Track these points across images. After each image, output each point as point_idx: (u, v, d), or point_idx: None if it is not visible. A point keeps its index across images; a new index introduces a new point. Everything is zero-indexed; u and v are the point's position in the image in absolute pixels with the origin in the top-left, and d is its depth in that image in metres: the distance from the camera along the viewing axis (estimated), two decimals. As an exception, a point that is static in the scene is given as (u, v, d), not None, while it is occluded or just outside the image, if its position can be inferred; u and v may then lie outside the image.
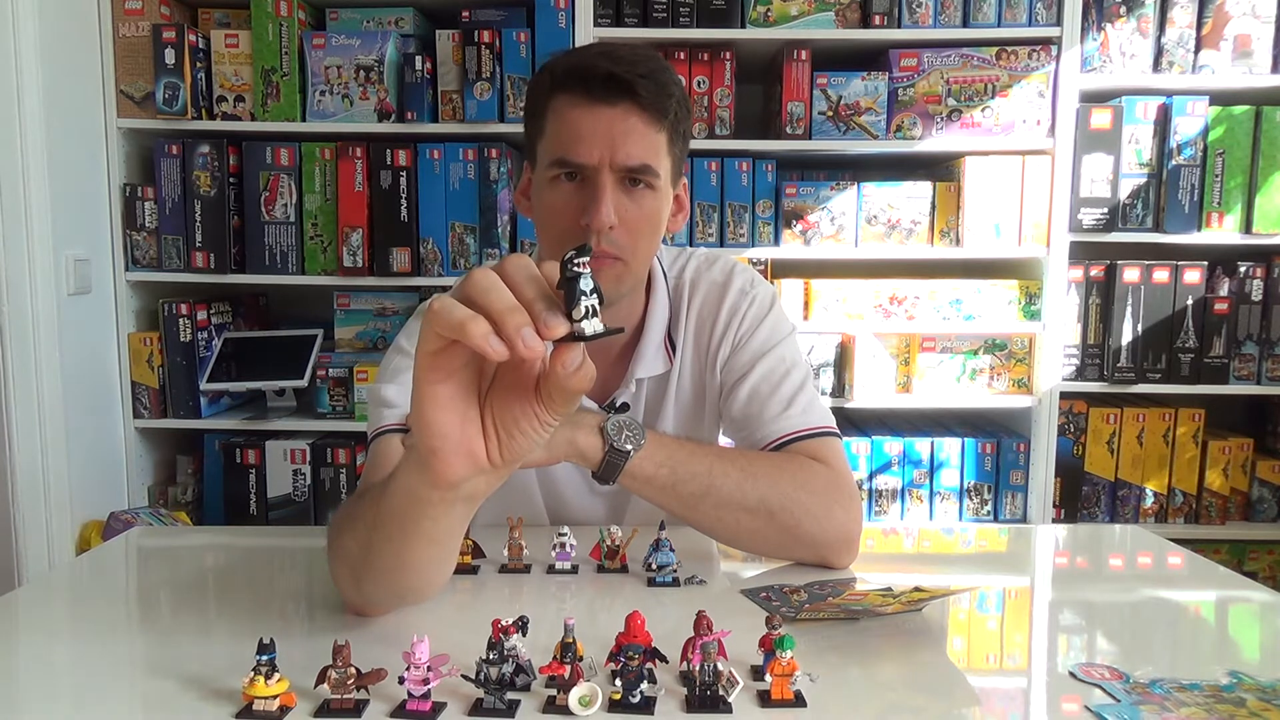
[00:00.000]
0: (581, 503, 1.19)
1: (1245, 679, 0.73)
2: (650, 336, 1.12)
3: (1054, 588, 1.07)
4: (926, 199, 2.19)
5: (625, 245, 0.99)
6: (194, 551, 1.14)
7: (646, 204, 0.99)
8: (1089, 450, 2.23)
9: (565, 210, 0.98)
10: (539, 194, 1.02)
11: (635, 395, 1.15)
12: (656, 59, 1.00)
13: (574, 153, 0.96)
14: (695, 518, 0.98)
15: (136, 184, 2.18)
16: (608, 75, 0.94)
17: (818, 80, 2.14)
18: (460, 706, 0.68)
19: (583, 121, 0.96)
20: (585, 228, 0.96)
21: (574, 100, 0.96)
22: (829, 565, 1.00)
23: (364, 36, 2.15)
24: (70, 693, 0.74)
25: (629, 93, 0.95)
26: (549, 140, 0.99)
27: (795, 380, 1.09)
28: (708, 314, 1.13)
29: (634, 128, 0.96)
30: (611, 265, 0.99)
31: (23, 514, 1.94)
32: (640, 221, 0.99)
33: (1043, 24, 2.11)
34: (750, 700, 0.70)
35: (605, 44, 1.05)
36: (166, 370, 2.19)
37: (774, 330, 1.13)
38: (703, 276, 1.15)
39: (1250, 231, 2.14)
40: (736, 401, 1.09)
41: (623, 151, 0.96)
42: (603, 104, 0.95)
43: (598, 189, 0.96)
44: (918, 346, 2.19)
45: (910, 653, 0.80)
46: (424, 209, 2.18)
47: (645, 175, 0.98)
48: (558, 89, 0.98)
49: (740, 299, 1.13)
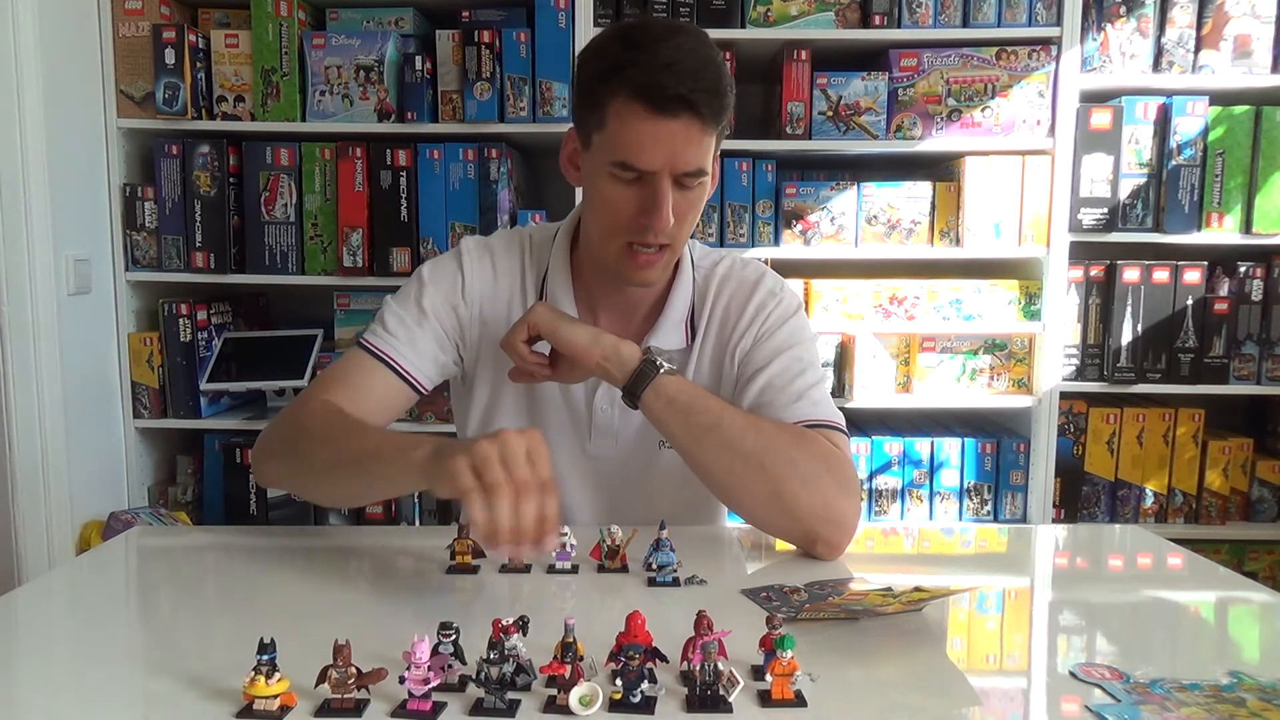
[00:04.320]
0: (571, 498, 1.20)
1: (1245, 679, 0.73)
2: (671, 312, 1.18)
3: (1054, 588, 1.07)
4: (926, 199, 2.19)
5: (676, 234, 1.08)
6: (194, 551, 1.14)
7: (694, 197, 1.08)
8: (1089, 450, 2.23)
9: (624, 206, 1.06)
10: (596, 181, 1.08)
11: None
12: (714, 64, 1.03)
13: (637, 160, 1.02)
14: (698, 453, 1.05)
15: (136, 184, 2.18)
16: (675, 96, 1.00)
17: (818, 80, 2.14)
18: (460, 706, 0.68)
19: (646, 132, 1.01)
20: (644, 226, 1.04)
21: (640, 112, 1.01)
22: (814, 549, 1.03)
23: (364, 36, 2.15)
24: (70, 693, 0.74)
25: (692, 109, 1.01)
26: (611, 138, 1.04)
27: (810, 379, 1.13)
28: (735, 308, 1.19)
29: (693, 138, 1.02)
30: (662, 253, 1.09)
31: (23, 514, 1.94)
32: (688, 212, 1.08)
33: (1043, 24, 2.11)
34: (751, 700, 0.70)
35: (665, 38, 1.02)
36: (166, 370, 2.19)
37: (795, 332, 1.17)
38: (734, 273, 1.21)
39: (1250, 231, 2.14)
40: (750, 392, 1.13)
41: (682, 160, 1.03)
42: (667, 118, 1.01)
43: (659, 195, 1.03)
44: (918, 346, 2.19)
45: (910, 653, 0.80)
46: (424, 209, 2.18)
47: (697, 177, 1.06)
48: (623, 93, 1.02)
49: (768, 298, 1.18)
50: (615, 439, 1.19)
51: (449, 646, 0.70)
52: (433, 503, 2.21)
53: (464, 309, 1.17)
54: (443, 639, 0.70)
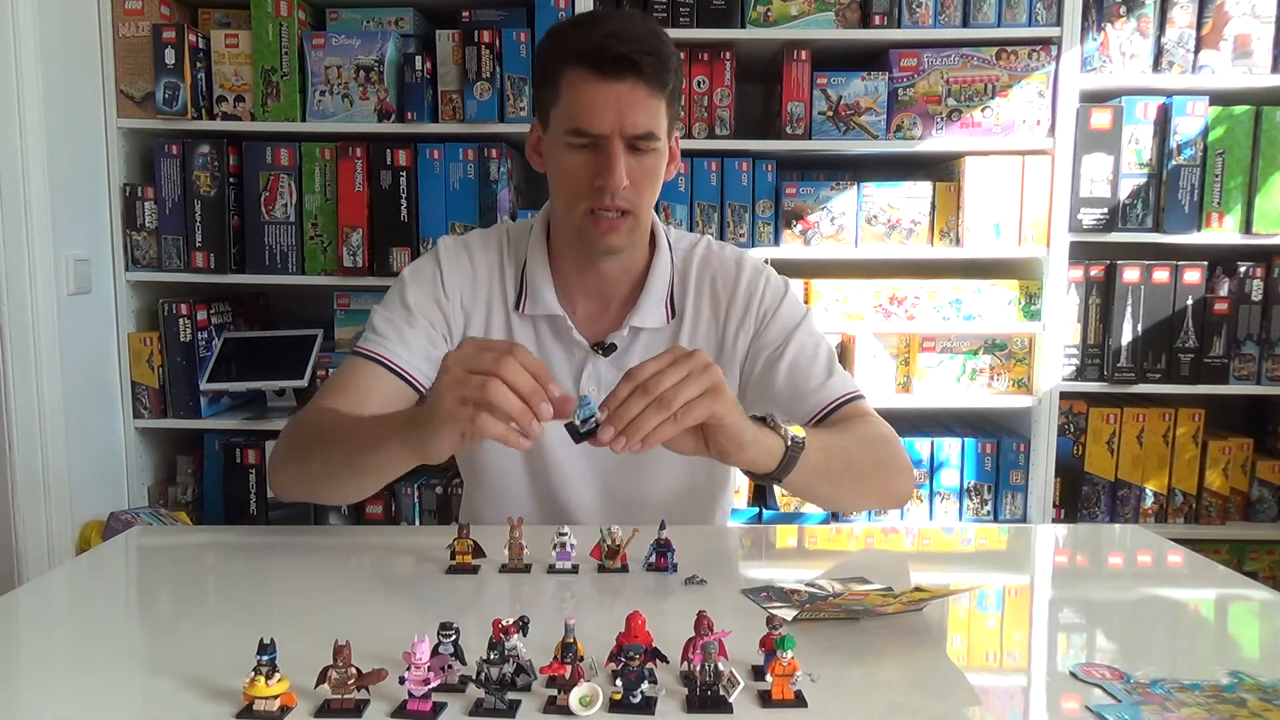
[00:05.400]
0: (569, 497, 1.22)
1: (1246, 679, 0.73)
2: (652, 290, 1.21)
3: (1054, 587, 1.07)
4: (926, 199, 2.19)
5: (634, 200, 1.11)
6: (194, 551, 1.14)
7: (649, 163, 1.12)
8: (1089, 450, 2.23)
9: (581, 172, 1.10)
10: (553, 154, 1.14)
11: (629, 341, 1.21)
12: (657, 32, 1.11)
13: (588, 123, 1.08)
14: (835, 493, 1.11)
15: (136, 184, 2.18)
16: (617, 56, 1.05)
17: (818, 80, 2.14)
18: (460, 706, 0.68)
19: (595, 95, 1.07)
20: (600, 189, 1.09)
21: (586, 76, 1.07)
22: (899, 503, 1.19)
23: (364, 36, 2.15)
24: (70, 693, 0.74)
25: (635, 69, 1.06)
26: (565, 109, 1.10)
27: (825, 352, 1.22)
28: (723, 288, 1.23)
29: (639, 99, 1.07)
30: (624, 219, 1.12)
31: (23, 514, 1.94)
32: (645, 179, 1.12)
33: (1043, 24, 2.11)
34: (751, 700, 0.70)
35: (609, 15, 1.22)
36: (166, 370, 2.19)
37: (795, 306, 1.24)
38: (714, 255, 1.26)
39: (1250, 231, 2.14)
40: (779, 376, 1.19)
41: (630, 121, 1.07)
42: (612, 79, 1.06)
43: (611, 156, 1.08)
44: (918, 346, 2.19)
45: (910, 653, 0.80)
46: (424, 209, 2.18)
47: (649, 140, 1.10)
48: (570, 63, 1.08)
49: (756, 277, 1.24)
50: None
51: (449, 647, 0.70)
52: (433, 503, 2.21)
53: (445, 303, 1.21)
54: (443, 639, 0.70)
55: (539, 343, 1.21)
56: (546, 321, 1.21)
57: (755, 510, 2.23)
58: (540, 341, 1.21)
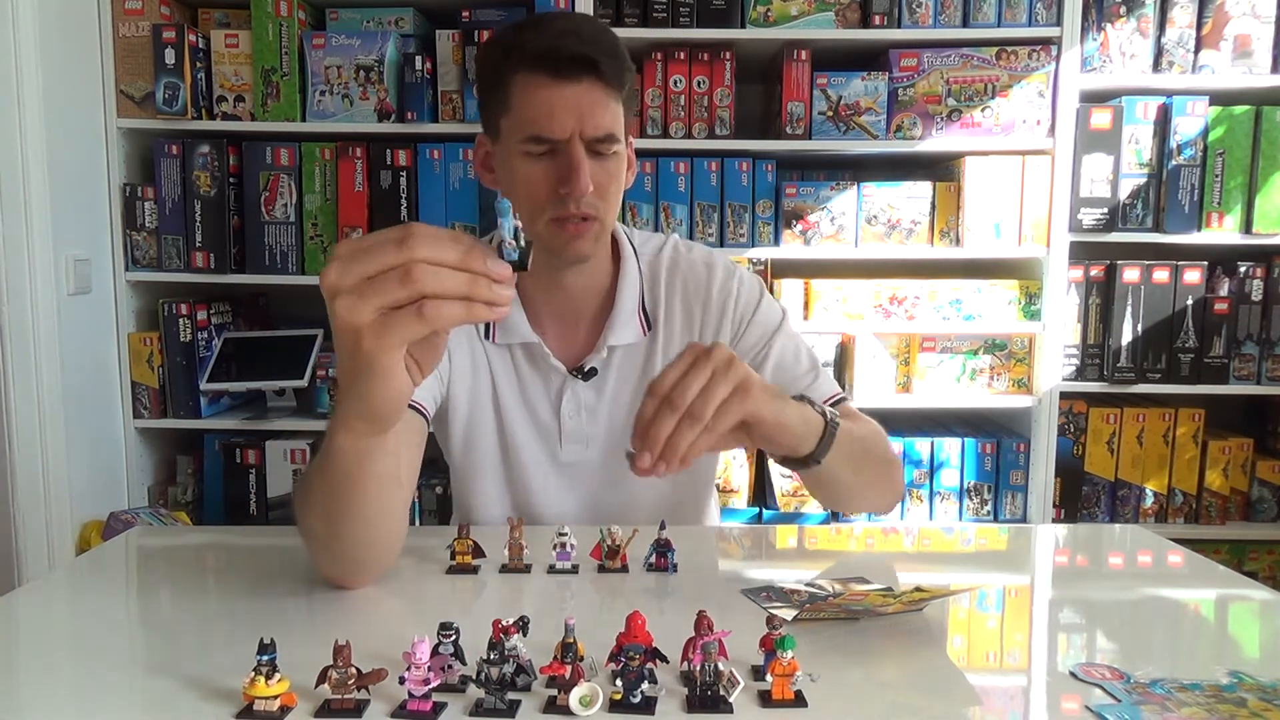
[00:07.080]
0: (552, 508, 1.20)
1: (1246, 679, 0.73)
2: (623, 305, 1.17)
3: (1054, 587, 1.07)
4: (926, 199, 2.19)
5: (599, 205, 1.06)
6: (194, 551, 1.13)
7: (611, 166, 1.07)
8: (1089, 450, 2.23)
9: (541, 182, 1.05)
10: (507, 166, 1.08)
11: (606, 362, 1.18)
12: (610, 34, 1.07)
13: (547, 129, 1.02)
14: (857, 481, 1.07)
15: (136, 184, 2.18)
16: (572, 56, 1.01)
17: (818, 80, 2.14)
18: (460, 706, 0.68)
19: (552, 99, 1.02)
20: (564, 196, 1.03)
21: (541, 79, 1.02)
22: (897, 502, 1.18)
23: (364, 36, 2.15)
24: (70, 693, 0.74)
25: (592, 69, 1.02)
26: (518, 116, 1.04)
27: (806, 353, 1.20)
28: (695, 292, 1.20)
29: (598, 100, 1.03)
30: (590, 226, 1.07)
31: (23, 514, 1.94)
32: (609, 182, 1.07)
33: (1043, 24, 2.11)
34: (751, 700, 0.70)
35: (557, 16, 1.17)
36: (166, 370, 2.19)
37: (771, 309, 1.22)
38: (683, 258, 1.22)
39: (1250, 231, 2.14)
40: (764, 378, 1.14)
41: (590, 124, 1.03)
42: (569, 81, 1.02)
43: (574, 160, 1.02)
44: (918, 346, 2.19)
45: (910, 653, 0.80)
46: (424, 209, 2.18)
47: (610, 143, 1.05)
48: (523, 67, 1.03)
49: (729, 278, 1.21)
50: (586, 444, 1.19)
51: (449, 647, 0.70)
52: (433, 503, 2.21)
53: None
54: (443, 639, 0.70)
55: (516, 372, 1.18)
56: (521, 349, 1.17)
57: (755, 510, 2.23)
58: (517, 370, 1.18)
